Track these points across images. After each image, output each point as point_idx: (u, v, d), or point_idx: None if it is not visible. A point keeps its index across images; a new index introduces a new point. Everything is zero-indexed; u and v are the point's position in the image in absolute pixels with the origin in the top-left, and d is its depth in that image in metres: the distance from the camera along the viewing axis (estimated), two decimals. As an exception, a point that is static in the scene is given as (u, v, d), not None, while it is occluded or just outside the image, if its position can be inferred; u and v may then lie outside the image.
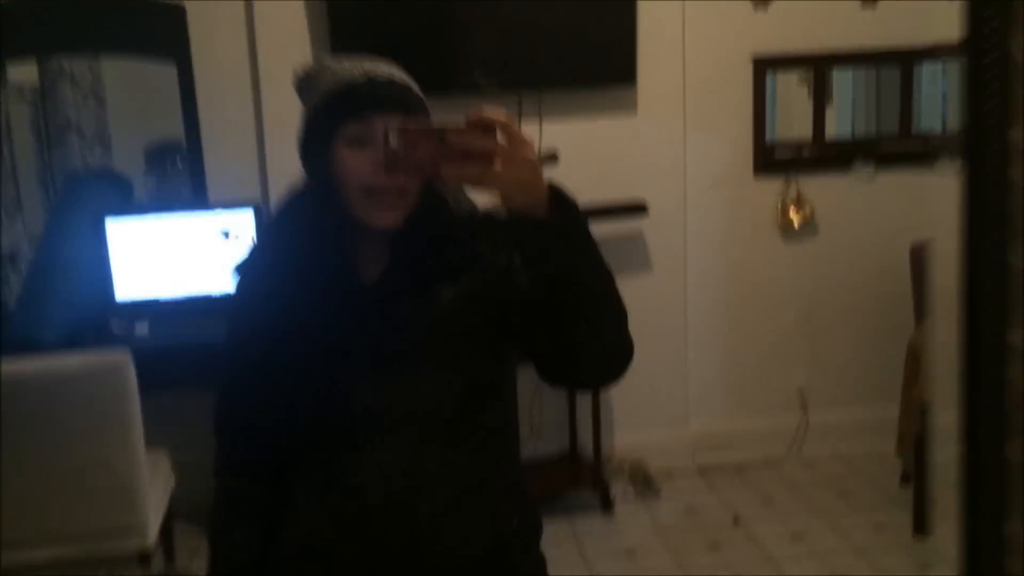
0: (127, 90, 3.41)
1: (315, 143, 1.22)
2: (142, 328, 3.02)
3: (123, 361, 2.32)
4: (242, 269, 1.34)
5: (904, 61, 3.73)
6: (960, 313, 0.71)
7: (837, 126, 3.81)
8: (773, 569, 3.00)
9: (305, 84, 1.27)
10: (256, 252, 1.34)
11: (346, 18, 3.27)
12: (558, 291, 1.10)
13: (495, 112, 1.04)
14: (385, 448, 1.23)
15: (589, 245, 1.11)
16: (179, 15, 3.23)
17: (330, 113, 1.20)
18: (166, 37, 3.25)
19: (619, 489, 3.55)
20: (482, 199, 1.27)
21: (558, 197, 1.08)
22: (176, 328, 3.03)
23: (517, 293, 1.19)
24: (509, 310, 1.22)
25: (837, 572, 2.95)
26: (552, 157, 3.49)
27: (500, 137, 1.03)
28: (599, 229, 1.09)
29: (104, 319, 3.02)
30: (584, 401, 3.47)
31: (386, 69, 1.23)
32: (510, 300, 1.21)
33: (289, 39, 3.34)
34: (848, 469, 3.69)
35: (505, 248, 1.25)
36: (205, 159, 3.34)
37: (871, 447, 3.75)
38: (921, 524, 3.09)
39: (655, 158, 3.60)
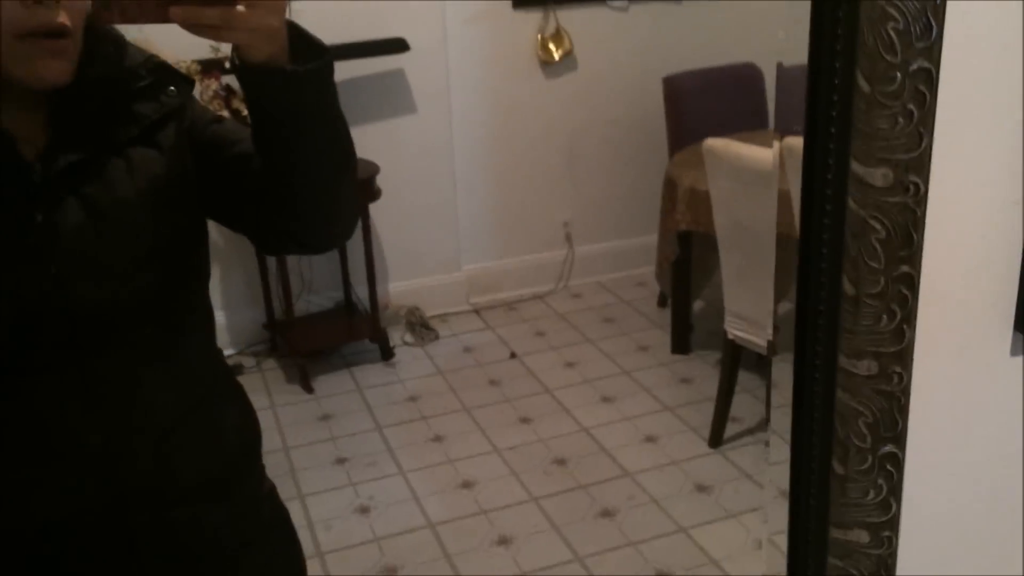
0: None
1: None
2: None
3: None
4: None
5: None
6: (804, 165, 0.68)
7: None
8: (550, 397, 3.14)
9: None
10: None
11: None
12: (296, 148, 0.95)
13: None
14: (80, 368, 1.01)
15: (332, 94, 0.97)
16: None
17: None
18: None
19: (397, 337, 3.53)
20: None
21: (303, 42, 0.92)
22: None
23: (225, 149, 1.05)
24: (211, 171, 1.06)
25: (607, 393, 3.14)
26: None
27: None
28: (358, 68, 0.94)
29: None
30: (356, 252, 3.36)
31: None
32: (211, 160, 1.06)
33: None
34: (612, 297, 3.89)
35: (191, 101, 1.09)
36: None
37: (632, 274, 3.97)
38: (679, 344, 3.34)
39: (411, -9, 3.40)
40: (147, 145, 1.04)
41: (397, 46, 3.34)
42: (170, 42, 1.11)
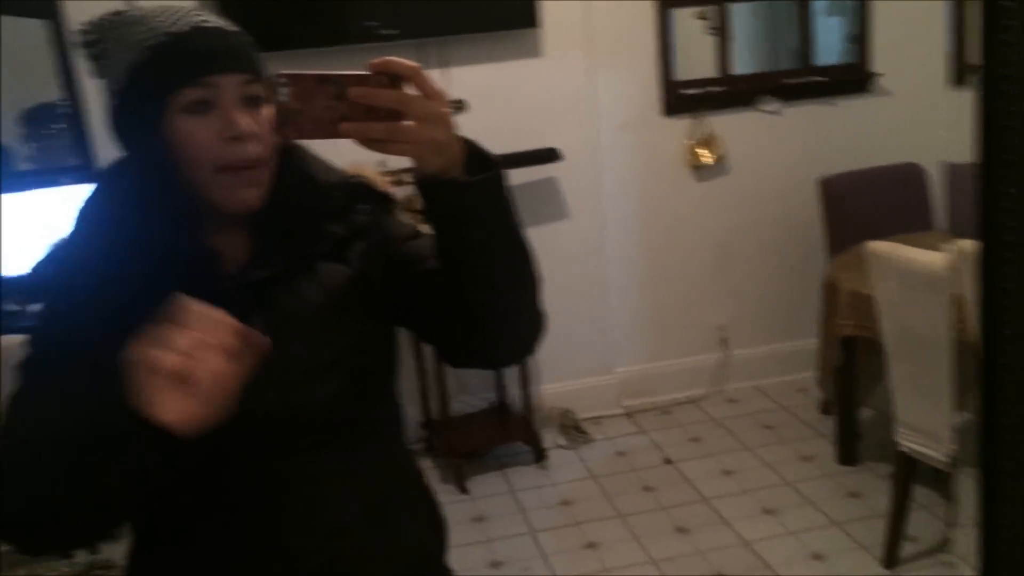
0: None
1: (135, 113, 0.99)
2: (35, 306, 2.78)
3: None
4: (52, 270, 1.07)
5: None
6: (980, 269, 0.66)
7: (739, 62, 3.81)
8: (708, 507, 3.04)
9: (100, 40, 1.02)
10: (70, 250, 1.07)
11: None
12: (474, 259, 0.99)
13: (402, 60, 0.90)
14: (261, 470, 1.05)
15: (509, 206, 0.99)
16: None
17: (157, 75, 0.97)
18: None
19: (550, 439, 3.53)
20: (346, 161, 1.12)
21: (475, 154, 0.96)
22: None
23: (417, 265, 1.08)
24: (403, 285, 1.10)
25: (768, 505, 3.01)
26: (460, 106, 3.36)
27: (409, 89, 0.90)
28: (512, 178, 0.99)
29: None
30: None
31: (214, 18, 1.02)
32: (403, 274, 1.10)
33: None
34: (771, 402, 3.76)
35: (388, 217, 1.14)
36: (90, 121, 3.08)
37: (791, 379, 3.84)
38: (846, 454, 3.17)
39: (564, 102, 3.52)
40: (335, 260, 1.10)
41: (549, 156, 3.45)
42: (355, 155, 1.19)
